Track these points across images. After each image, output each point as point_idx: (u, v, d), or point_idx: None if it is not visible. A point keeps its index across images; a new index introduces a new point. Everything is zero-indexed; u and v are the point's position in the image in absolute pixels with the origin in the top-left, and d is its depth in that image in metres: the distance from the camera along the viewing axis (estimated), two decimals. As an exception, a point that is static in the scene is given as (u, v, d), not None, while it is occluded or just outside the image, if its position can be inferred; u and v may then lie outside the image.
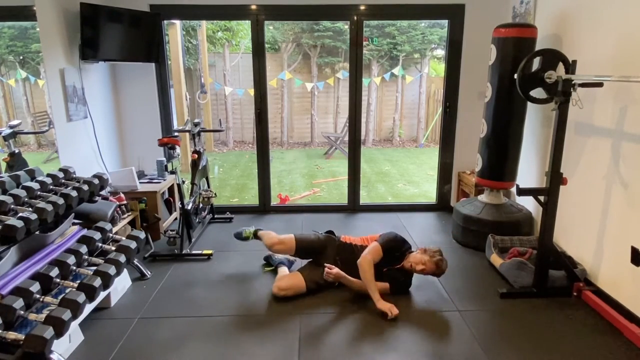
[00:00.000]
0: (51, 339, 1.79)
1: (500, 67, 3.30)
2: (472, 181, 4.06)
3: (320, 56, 9.39)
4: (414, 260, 2.80)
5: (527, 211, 3.56)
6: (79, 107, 3.49)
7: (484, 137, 3.51)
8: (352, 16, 4.02)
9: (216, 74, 9.06)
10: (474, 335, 2.43)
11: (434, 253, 2.82)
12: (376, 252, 2.79)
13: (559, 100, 2.60)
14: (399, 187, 6.37)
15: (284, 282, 2.85)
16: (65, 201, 2.32)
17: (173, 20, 6.33)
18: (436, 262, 2.78)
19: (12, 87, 2.94)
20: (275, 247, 2.96)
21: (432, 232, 3.94)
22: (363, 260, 2.73)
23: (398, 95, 9.56)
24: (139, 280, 3.07)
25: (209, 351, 2.31)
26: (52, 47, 3.18)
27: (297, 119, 9.73)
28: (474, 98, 4.19)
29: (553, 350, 2.30)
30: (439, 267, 2.79)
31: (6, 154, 2.71)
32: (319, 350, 2.32)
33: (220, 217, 4.28)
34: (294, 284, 2.83)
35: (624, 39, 2.57)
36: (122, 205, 3.30)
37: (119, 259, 2.41)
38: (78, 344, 2.36)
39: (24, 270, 2.14)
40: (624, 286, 2.57)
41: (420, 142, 9.60)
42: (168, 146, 3.67)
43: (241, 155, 8.69)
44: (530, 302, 2.76)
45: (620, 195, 2.59)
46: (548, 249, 2.77)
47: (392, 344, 2.36)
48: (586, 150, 2.92)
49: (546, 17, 3.43)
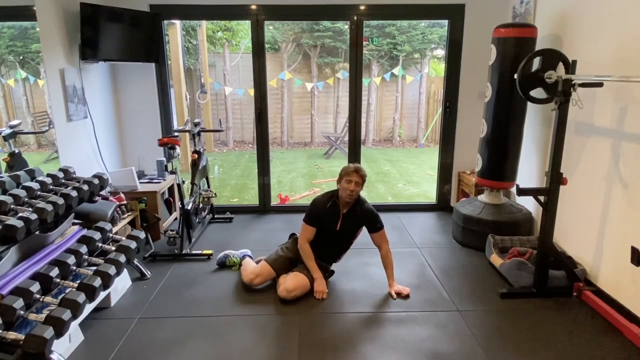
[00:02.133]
0: (51, 339, 1.80)
1: (500, 67, 3.30)
2: (472, 181, 4.06)
3: (320, 56, 9.39)
4: (343, 193, 2.84)
5: (527, 211, 3.56)
6: (79, 107, 3.49)
7: (484, 137, 3.51)
8: (352, 16, 4.02)
9: (216, 74, 9.06)
10: (474, 335, 2.43)
11: (347, 172, 2.82)
12: (305, 230, 2.91)
13: (559, 100, 2.60)
14: (399, 187, 6.37)
15: (289, 283, 2.78)
16: (65, 201, 2.32)
17: (173, 20, 6.33)
18: (355, 170, 2.81)
19: (12, 87, 2.94)
20: (255, 281, 2.88)
21: (432, 232, 3.94)
22: (299, 244, 2.91)
23: (398, 95, 9.56)
24: (139, 280, 3.07)
25: (209, 351, 2.31)
26: (52, 47, 3.18)
27: (297, 119, 9.73)
28: (474, 98, 4.19)
29: (553, 350, 2.30)
30: (358, 171, 2.81)
31: (6, 154, 2.71)
32: (319, 350, 2.32)
33: (220, 217, 4.28)
34: (299, 283, 2.80)
35: (624, 38, 2.57)
36: (122, 205, 3.30)
37: (119, 259, 2.41)
38: (78, 344, 2.36)
39: (24, 270, 2.14)
40: (624, 286, 2.57)
41: (420, 142, 9.59)
42: (168, 146, 3.67)
43: (241, 155, 8.69)
44: (530, 302, 2.76)
45: (620, 195, 2.59)
46: (548, 249, 2.77)
47: (392, 344, 2.36)
48: (586, 150, 2.92)
49: (546, 17, 3.43)
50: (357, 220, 2.92)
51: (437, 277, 3.09)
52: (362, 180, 2.82)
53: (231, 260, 3.22)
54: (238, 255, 3.25)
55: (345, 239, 2.98)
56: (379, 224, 2.91)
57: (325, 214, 2.89)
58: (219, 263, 3.25)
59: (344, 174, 2.83)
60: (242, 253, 3.28)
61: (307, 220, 2.92)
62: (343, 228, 2.90)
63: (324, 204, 2.91)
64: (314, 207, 2.93)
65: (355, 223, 2.93)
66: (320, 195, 2.98)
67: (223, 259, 3.24)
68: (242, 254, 3.27)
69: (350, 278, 3.08)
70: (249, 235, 3.87)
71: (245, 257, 3.22)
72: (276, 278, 2.91)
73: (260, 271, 2.90)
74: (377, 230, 2.91)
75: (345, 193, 2.81)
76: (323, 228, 2.90)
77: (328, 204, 2.89)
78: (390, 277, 2.91)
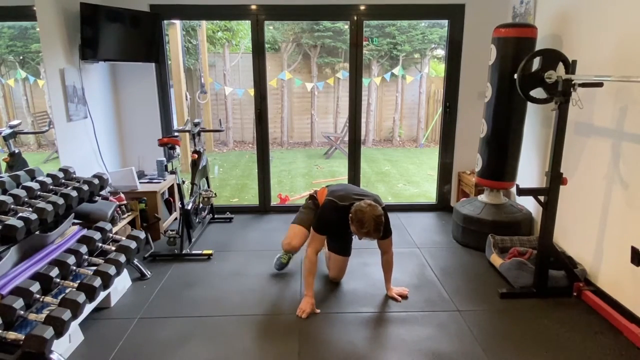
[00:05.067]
0: (51, 339, 1.80)
1: (500, 67, 3.30)
2: (472, 181, 4.06)
3: (320, 56, 9.39)
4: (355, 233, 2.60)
5: (527, 211, 3.56)
6: (79, 107, 3.49)
7: (484, 137, 3.51)
8: (352, 16, 4.02)
9: (216, 74, 9.06)
10: (474, 335, 2.43)
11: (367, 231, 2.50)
12: (315, 240, 2.74)
13: (559, 100, 2.60)
14: (399, 187, 6.37)
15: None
16: (65, 201, 2.32)
17: (173, 20, 6.33)
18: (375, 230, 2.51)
19: (12, 87, 2.94)
20: (294, 242, 2.89)
21: (432, 232, 3.94)
22: (307, 255, 2.73)
23: (398, 95, 9.56)
24: (139, 280, 3.07)
25: (209, 351, 2.31)
26: (52, 47, 3.18)
27: (297, 119, 9.73)
28: (474, 98, 4.19)
29: (553, 350, 2.30)
30: (378, 231, 2.52)
31: (6, 154, 2.71)
32: (319, 350, 2.32)
33: (220, 217, 4.27)
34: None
35: (624, 39, 2.57)
36: (122, 205, 3.30)
37: (119, 259, 2.41)
38: (78, 344, 2.36)
39: (24, 270, 2.14)
40: (624, 286, 2.57)
41: (420, 142, 9.59)
42: (168, 146, 3.67)
43: (241, 155, 8.69)
44: (530, 302, 2.76)
45: (620, 195, 2.59)
46: (548, 249, 2.77)
47: (392, 344, 2.36)
48: (586, 150, 2.92)
49: (546, 17, 3.43)
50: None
51: (437, 277, 3.09)
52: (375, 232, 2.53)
53: (283, 257, 3.20)
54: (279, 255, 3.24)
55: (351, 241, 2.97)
56: (389, 232, 2.74)
57: (335, 225, 2.75)
58: (278, 267, 3.19)
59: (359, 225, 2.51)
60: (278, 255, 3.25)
61: (318, 228, 2.74)
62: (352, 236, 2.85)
63: (336, 219, 2.71)
64: (323, 218, 2.75)
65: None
66: (332, 205, 2.73)
67: (278, 262, 3.19)
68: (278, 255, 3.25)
69: (350, 278, 3.07)
70: (249, 235, 3.87)
71: None
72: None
73: (294, 233, 2.92)
74: (386, 237, 2.75)
75: (355, 233, 2.62)
76: (334, 234, 2.88)
77: (339, 219, 2.68)
78: (388, 281, 2.89)
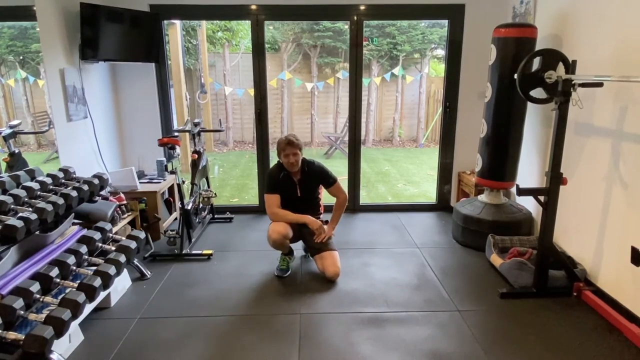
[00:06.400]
0: (51, 339, 1.79)
1: (500, 67, 3.30)
2: (472, 181, 4.06)
3: (320, 56, 9.39)
4: (286, 166, 3.05)
5: (527, 211, 3.56)
6: (79, 107, 3.49)
7: (484, 137, 3.51)
8: (352, 16, 4.02)
9: (216, 74, 9.05)
10: (474, 335, 2.43)
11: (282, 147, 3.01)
12: (270, 200, 3.09)
13: (559, 100, 2.60)
14: (399, 187, 6.37)
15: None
16: (65, 201, 2.32)
17: (173, 20, 6.32)
18: (288, 143, 2.98)
19: (12, 87, 2.94)
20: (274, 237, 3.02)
21: (432, 232, 3.94)
22: (270, 214, 3.08)
23: (398, 95, 9.56)
24: (139, 280, 3.07)
25: (209, 351, 2.31)
26: (52, 47, 3.18)
27: (297, 119, 9.73)
28: (474, 98, 4.19)
29: (553, 350, 2.30)
30: (291, 144, 2.99)
31: (6, 154, 2.71)
32: (319, 350, 2.32)
33: (220, 217, 4.28)
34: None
35: (624, 39, 2.57)
36: (122, 205, 3.30)
37: (119, 259, 2.41)
38: (78, 344, 2.36)
39: (24, 270, 2.14)
40: (624, 286, 2.57)
41: (420, 142, 9.59)
42: (168, 146, 3.67)
43: (241, 155, 8.69)
44: (530, 302, 2.76)
45: (620, 195, 2.59)
46: (548, 249, 2.77)
47: (392, 344, 2.36)
48: (586, 150, 2.92)
49: (546, 17, 3.43)
50: (312, 181, 3.18)
51: (437, 277, 3.09)
52: (298, 149, 3.03)
53: (282, 263, 3.16)
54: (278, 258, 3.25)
55: (310, 200, 3.24)
56: (332, 179, 3.17)
57: (281, 183, 3.11)
58: (280, 273, 3.13)
59: (280, 150, 3.04)
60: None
61: (268, 190, 3.12)
62: (303, 193, 3.16)
63: (277, 174, 3.12)
64: (270, 178, 3.14)
65: (312, 184, 3.20)
66: (271, 168, 3.21)
67: (278, 269, 3.15)
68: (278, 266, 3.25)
69: (350, 278, 3.08)
70: (248, 235, 3.87)
71: None
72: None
73: (276, 229, 3.04)
74: (331, 184, 3.18)
75: (287, 166, 3.05)
76: (286, 197, 3.12)
77: (280, 175, 3.11)
78: (332, 221, 3.19)
